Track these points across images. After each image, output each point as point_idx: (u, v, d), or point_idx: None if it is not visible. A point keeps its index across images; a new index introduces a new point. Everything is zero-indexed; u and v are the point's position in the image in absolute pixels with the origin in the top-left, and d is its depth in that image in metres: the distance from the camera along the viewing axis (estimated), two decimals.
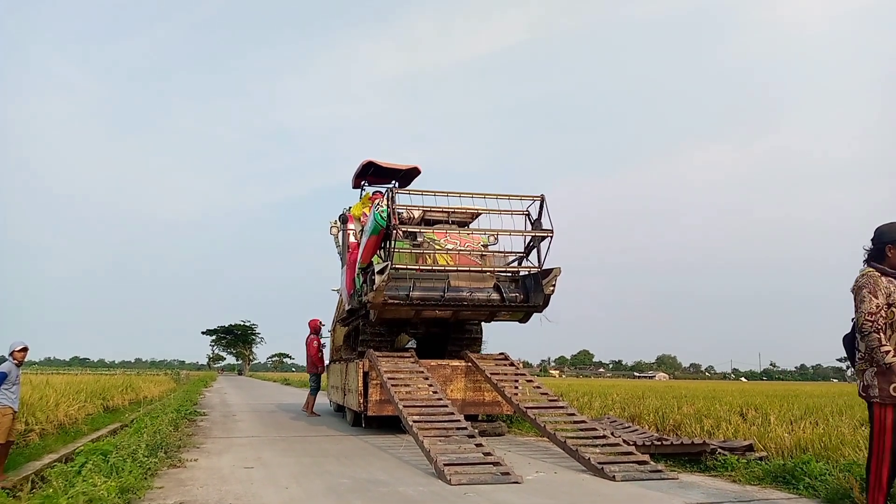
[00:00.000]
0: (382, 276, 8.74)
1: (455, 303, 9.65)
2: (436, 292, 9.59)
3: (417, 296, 9.48)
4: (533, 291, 9.79)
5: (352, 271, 10.95)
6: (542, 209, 9.43)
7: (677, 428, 9.82)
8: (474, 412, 10.16)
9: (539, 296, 9.62)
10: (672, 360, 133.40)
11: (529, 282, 9.90)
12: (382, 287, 8.87)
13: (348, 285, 11.31)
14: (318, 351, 14.56)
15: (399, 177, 12.51)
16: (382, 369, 9.22)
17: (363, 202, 12.11)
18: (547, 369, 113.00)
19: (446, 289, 9.60)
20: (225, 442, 9.14)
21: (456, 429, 7.60)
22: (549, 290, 9.52)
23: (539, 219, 9.50)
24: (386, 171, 12.18)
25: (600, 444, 7.27)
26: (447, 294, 9.57)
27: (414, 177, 12.48)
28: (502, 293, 9.84)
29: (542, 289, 9.53)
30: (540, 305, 9.73)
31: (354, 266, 10.73)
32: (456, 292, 9.67)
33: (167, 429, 8.79)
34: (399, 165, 12.08)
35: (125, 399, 16.61)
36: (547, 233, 9.43)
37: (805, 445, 7.44)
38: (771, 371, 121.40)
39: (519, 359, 10.40)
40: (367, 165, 11.90)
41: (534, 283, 9.77)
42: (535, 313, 10.01)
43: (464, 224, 11.07)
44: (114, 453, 6.14)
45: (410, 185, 12.53)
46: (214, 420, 12.67)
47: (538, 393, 9.26)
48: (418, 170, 12.23)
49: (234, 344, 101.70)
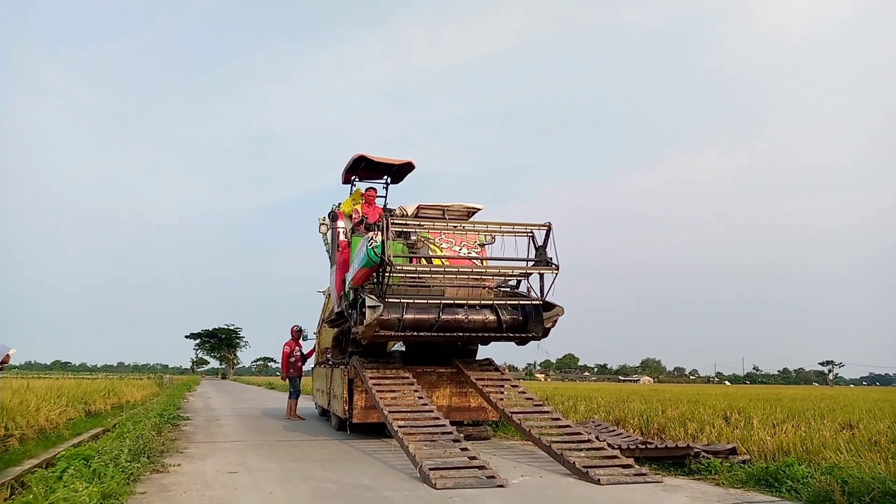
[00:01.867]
0: (374, 315, 8.29)
1: (449, 328, 9.14)
2: (430, 314, 9.02)
3: (410, 320, 8.92)
4: (532, 319, 9.36)
5: (342, 271, 10.51)
6: (549, 238, 8.95)
7: (661, 431, 9.88)
8: (460, 418, 10.05)
9: (539, 327, 9.23)
10: (656, 364, 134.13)
11: (529, 307, 9.43)
12: (374, 324, 8.43)
13: (338, 286, 10.81)
14: (289, 356, 14.52)
15: (392, 172, 11.83)
16: (367, 376, 9.17)
17: (353, 198, 11.57)
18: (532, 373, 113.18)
19: (440, 311, 9.02)
20: (208, 447, 9.07)
21: (441, 433, 7.59)
22: (548, 325, 9.16)
23: (544, 247, 9.00)
24: (378, 165, 11.44)
25: (585, 447, 7.30)
26: (442, 317, 9.01)
27: (407, 172, 11.81)
28: (499, 315, 9.34)
29: (542, 320, 9.16)
30: (539, 336, 9.35)
31: (345, 265, 10.33)
32: (451, 314, 9.12)
33: (150, 433, 8.71)
34: (392, 160, 11.30)
35: (107, 403, 16.40)
36: (551, 268, 8.91)
37: (787, 448, 7.52)
38: (754, 375, 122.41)
39: (504, 362, 10.43)
40: (358, 160, 11.20)
41: (534, 312, 9.35)
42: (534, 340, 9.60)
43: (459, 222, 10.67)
44: (96, 458, 6.07)
45: (403, 181, 11.99)
46: (198, 424, 12.57)
47: (523, 398, 9.27)
48: (412, 164, 11.50)
49: (217, 348, 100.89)
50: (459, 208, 10.66)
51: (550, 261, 8.91)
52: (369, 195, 11.31)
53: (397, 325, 8.86)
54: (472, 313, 9.24)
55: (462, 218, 10.64)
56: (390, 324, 8.81)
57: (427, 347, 10.47)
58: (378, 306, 8.30)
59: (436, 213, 10.52)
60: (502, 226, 9.14)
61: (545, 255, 8.97)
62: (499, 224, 9.17)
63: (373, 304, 8.31)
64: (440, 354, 10.49)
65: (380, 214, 10.83)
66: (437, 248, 9.76)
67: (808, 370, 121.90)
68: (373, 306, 8.29)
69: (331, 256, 11.79)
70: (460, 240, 9.95)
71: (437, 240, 9.77)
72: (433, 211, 10.52)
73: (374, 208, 11.19)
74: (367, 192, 11.36)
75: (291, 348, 14.57)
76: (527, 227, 9.12)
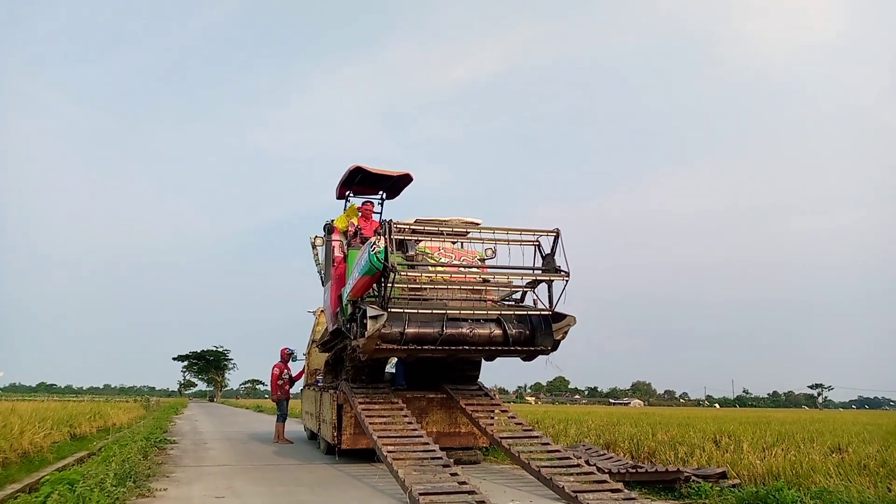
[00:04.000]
0: (376, 325, 7.80)
1: (453, 342, 8.70)
2: (433, 328, 8.55)
3: (412, 334, 8.45)
4: (541, 332, 8.89)
5: (337, 286, 9.98)
6: (556, 245, 8.56)
7: (652, 455, 9.85)
8: (451, 444, 9.79)
9: (548, 339, 8.78)
10: (647, 387, 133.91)
11: (537, 319, 9.00)
12: (375, 336, 7.96)
13: (332, 302, 10.21)
14: (278, 378, 14.43)
15: (388, 185, 11.33)
16: (357, 401, 9.10)
17: (348, 214, 11.14)
18: (523, 396, 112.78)
19: (444, 324, 8.57)
20: (195, 471, 8.96)
21: (431, 458, 7.54)
22: (559, 337, 8.70)
23: (552, 254, 8.59)
24: (375, 178, 10.89)
25: (575, 472, 7.26)
26: (446, 331, 8.55)
27: (405, 185, 11.31)
28: (505, 329, 8.91)
29: (551, 332, 8.72)
30: (548, 349, 8.88)
31: (340, 280, 9.85)
32: (455, 327, 8.67)
33: (136, 457, 8.61)
34: (390, 172, 10.79)
35: (93, 426, 16.19)
36: (561, 275, 8.46)
37: (777, 473, 7.52)
38: (744, 398, 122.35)
39: (495, 385, 10.38)
40: (354, 171, 10.65)
41: (542, 324, 8.89)
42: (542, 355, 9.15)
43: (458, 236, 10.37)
44: (81, 483, 5.99)
45: (400, 194, 11.55)
46: (185, 448, 12.42)
47: (513, 423, 9.23)
48: (410, 177, 10.99)
49: (205, 370, 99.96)
50: (458, 223, 10.14)
51: (559, 268, 8.54)
52: (366, 209, 10.98)
53: (399, 339, 8.41)
54: (476, 327, 8.80)
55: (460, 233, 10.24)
56: (392, 337, 8.36)
57: (428, 366, 10.15)
58: (381, 315, 7.80)
59: (434, 228, 10.11)
60: (508, 232, 8.61)
61: (553, 262, 8.57)
62: (505, 230, 8.61)
63: (375, 313, 7.81)
64: (441, 374, 10.20)
65: (376, 229, 10.40)
66: (437, 260, 9.33)
67: (797, 393, 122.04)
68: (375, 316, 7.79)
69: (324, 273, 11.34)
70: (460, 255, 9.54)
71: (437, 254, 9.33)
72: (431, 226, 10.10)
73: (371, 223, 10.88)
74: (364, 206, 11.01)
75: (281, 370, 14.48)
76: (534, 234, 8.69)
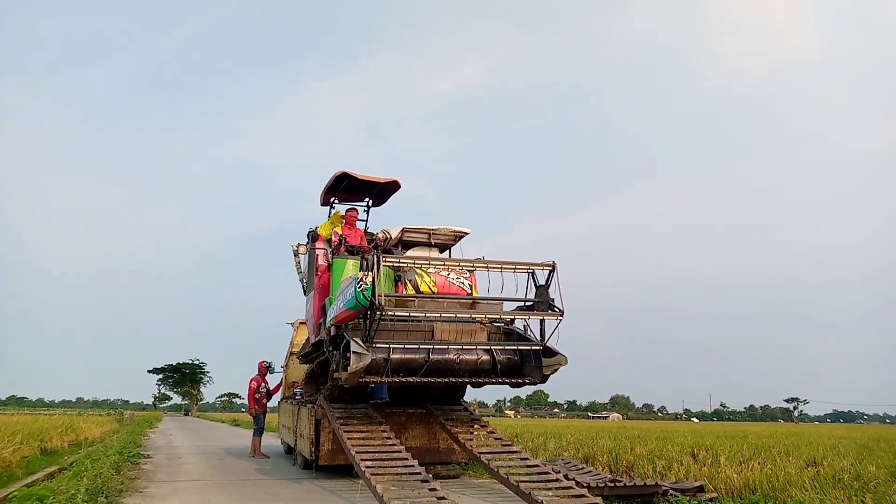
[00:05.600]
0: (359, 364, 7.53)
1: (440, 369, 8.42)
2: (418, 354, 8.27)
3: (397, 360, 8.15)
4: (530, 363, 8.69)
5: (321, 296, 9.66)
6: (552, 278, 8.33)
7: (630, 469, 9.88)
8: (430, 459, 9.65)
9: (536, 372, 8.54)
10: (625, 401, 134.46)
11: (526, 351, 8.75)
12: (359, 372, 7.68)
13: (315, 313, 9.85)
14: (255, 392, 14.26)
15: (375, 192, 10.99)
16: (335, 416, 9.01)
17: (332, 221, 10.67)
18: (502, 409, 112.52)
19: (431, 350, 8.31)
20: (170, 486, 8.81)
21: (409, 474, 7.48)
22: (548, 373, 8.45)
23: (547, 286, 8.38)
24: (362, 184, 10.53)
25: (553, 486, 7.24)
26: (432, 357, 8.28)
27: (392, 192, 10.95)
28: (493, 355, 8.66)
29: (541, 366, 8.45)
30: (536, 382, 8.67)
31: (324, 290, 9.51)
32: (441, 353, 8.41)
33: (109, 472, 8.47)
34: (378, 178, 10.38)
35: (64, 440, 15.88)
36: (555, 314, 8.23)
37: (754, 486, 7.59)
38: (721, 411, 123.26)
39: (475, 399, 10.30)
40: (340, 177, 10.20)
41: (532, 355, 8.66)
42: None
43: (446, 248, 10.18)
44: (50, 498, 5.88)
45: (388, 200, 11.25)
46: (159, 463, 12.21)
47: (492, 438, 9.20)
48: (398, 183, 10.61)
49: (181, 383, 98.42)
50: (446, 232, 10.10)
51: (553, 304, 8.29)
52: (350, 216, 10.64)
53: (383, 367, 8.10)
54: (464, 353, 8.55)
55: (449, 242, 10.15)
56: (376, 366, 8.01)
57: (412, 389, 9.86)
58: (365, 354, 7.55)
59: (421, 236, 9.96)
60: (503, 265, 8.41)
61: (547, 295, 8.36)
62: (499, 263, 8.41)
63: (359, 350, 7.56)
64: (427, 392, 10.01)
65: (361, 237, 10.41)
66: (425, 272, 9.10)
67: (773, 407, 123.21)
68: (359, 353, 7.55)
69: (307, 282, 11.00)
70: (450, 267, 9.26)
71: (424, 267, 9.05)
72: (418, 234, 9.95)
73: (356, 230, 10.60)
74: (349, 213, 10.66)
75: (258, 384, 14.31)
76: (528, 267, 8.48)
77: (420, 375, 8.26)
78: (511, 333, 9.06)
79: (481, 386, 9.19)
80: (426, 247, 9.90)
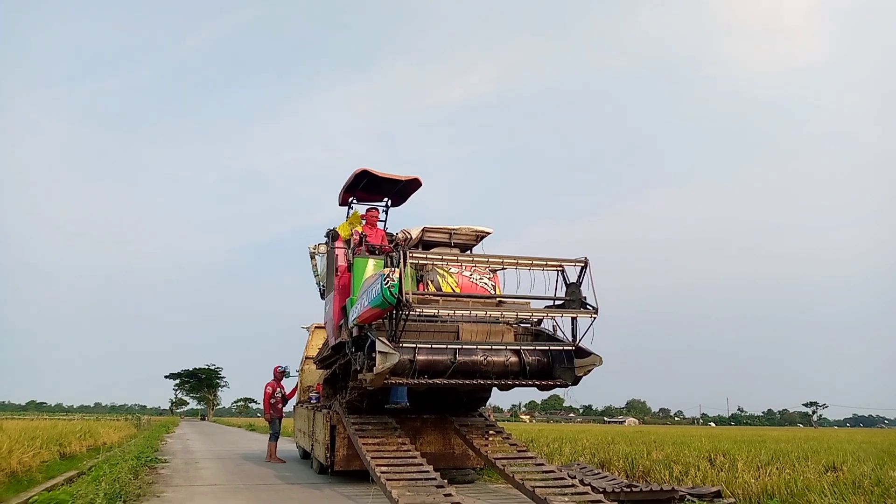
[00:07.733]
0: (386, 364, 7.27)
1: (466, 370, 8.18)
2: (445, 355, 8.03)
3: (423, 362, 7.92)
4: (561, 364, 8.41)
5: (341, 297, 9.36)
6: (584, 275, 8.03)
7: (647, 474, 9.82)
8: (445, 465, 9.55)
9: (568, 374, 8.24)
10: (642, 405, 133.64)
11: (556, 352, 8.50)
12: (385, 372, 7.43)
13: (336, 315, 9.49)
14: (271, 397, 14.34)
15: (394, 191, 10.72)
16: (350, 421, 9.02)
17: (351, 221, 10.43)
18: (518, 414, 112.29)
19: (458, 351, 8.07)
20: (186, 490, 8.87)
21: (425, 479, 7.48)
22: (580, 374, 8.12)
23: (579, 283, 8.06)
24: (382, 182, 10.24)
25: (569, 491, 7.22)
26: (458, 358, 8.04)
27: (413, 190, 10.66)
28: (522, 356, 8.45)
29: (573, 367, 8.14)
30: (568, 384, 8.32)
31: (345, 291, 9.23)
32: (468, 354, 8.17)
33: (126, 476, 8.53)
34: (398, 176, 10.14)
35: (83, 445, 16.03)
36: (588, 312, 7.92)
37: (772, 491, 7.51)
38: (739, 416, 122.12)
39: (490, 404, 10.22)
40: (360, 175, 9.91)
41: (563, 356, 8.37)
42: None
43: (467, 248, 9.99)
44: (70, 502, 5.93)
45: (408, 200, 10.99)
46: (176, 467, 12.29)
47: (507, 444, 9.18)
48: (419, 181, 10.34)
49: (197, 388, 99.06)
50: (468, 232, 9.95)
51: (586, 302, 8.00)
52: (371, 215, 10.42)
53: (409, 369, 7.88)
54: (491, 354, 8.31)
55: (470, 242, 9.99)
56: (401, 367, 7.76)
57: (437, 392, 9.55)
58: (393, 354, 7.30)
59: (442, 236, 9.80)
60: (533, 262, 8.11)
61: (579, 293, 8.05)
62: (528, 259, 8.11)
63: (386, 350, 7.29)
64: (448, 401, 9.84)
65: (382, 237, 10.28)
66: (447, 272, 8.95)
67: (792, 411, 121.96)
68: (385, 353, 7.28)
69: (325, 284, 10.77)
70: (471, 265, 9.11)
71: (446, 264, 8.86)
72: (439, 234, 9.79)
73: (376, 230, 10.40)
74: (369, 213, 10.45)
75: (273, 388, 14.38)
76: (559, 263, 8.18)
77: (447, 377, 8.04)
78: (539, 334, 8.87)
79: (509, 388, 8.86)
80: (447, 247, 9.71)
